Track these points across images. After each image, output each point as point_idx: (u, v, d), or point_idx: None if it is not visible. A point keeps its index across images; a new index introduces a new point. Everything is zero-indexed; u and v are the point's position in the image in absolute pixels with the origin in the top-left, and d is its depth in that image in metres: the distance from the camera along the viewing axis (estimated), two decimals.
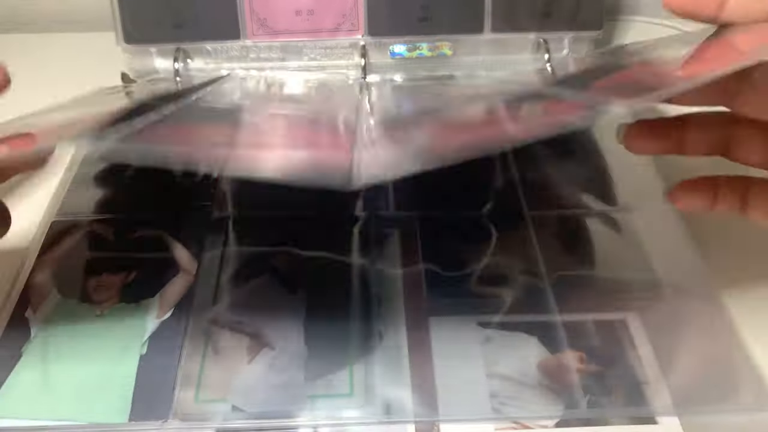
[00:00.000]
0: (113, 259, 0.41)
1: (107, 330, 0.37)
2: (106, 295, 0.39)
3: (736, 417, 0.34)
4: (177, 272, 0.40)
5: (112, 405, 0.34)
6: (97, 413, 0.34)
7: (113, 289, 0.39)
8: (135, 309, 0.38)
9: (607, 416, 0.34)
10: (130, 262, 0.41)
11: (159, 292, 0.39)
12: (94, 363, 0.36)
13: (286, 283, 0.40)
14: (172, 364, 0.36)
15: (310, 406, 0.34)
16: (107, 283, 0.39)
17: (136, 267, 0.40)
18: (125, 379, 0.35)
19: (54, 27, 0.66)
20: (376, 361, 0.36)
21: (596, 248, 0.43)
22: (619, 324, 0.38)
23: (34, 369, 0.35)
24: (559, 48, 0.56)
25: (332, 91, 0.43)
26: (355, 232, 0.43)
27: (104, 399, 0.34)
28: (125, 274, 0.40)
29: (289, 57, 0.55)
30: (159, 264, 0.41)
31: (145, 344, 0.37)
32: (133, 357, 0.36)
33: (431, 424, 0.34)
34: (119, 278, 0.40)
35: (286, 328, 0.38)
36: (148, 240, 0.42)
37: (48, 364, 0.35)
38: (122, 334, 0.37)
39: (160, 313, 0.38)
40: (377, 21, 0.53)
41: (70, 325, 0.37)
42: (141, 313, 0.38)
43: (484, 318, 0.38)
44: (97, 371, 0.35)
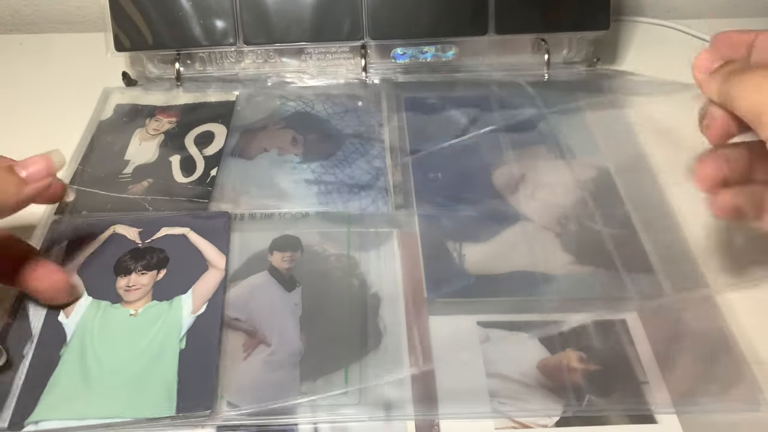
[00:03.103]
0: (141, 260, 0.41)
1: (143, 329, 0.37)
2: (137, 295, 0.39)
3: (735, 416, 0.34)
4: (206, 268, 0.40)
5: (158, 399, 0.34)
6: (143, 408, 0.34)
7: (144, 288, 0.39)
8: (168, 306, 0.38)
9: (607, 416, 0.34)
10: (158, 262, 0.41)
11: (191, 288, 0.39)
12: (133, 361, 0.36)
13: (283, 281, 0.40)
14: (212, 358, 0.36)
15: (305, 403, 0.34)
16: (137, 283, 0.39)
17: (164, 265, 0.40)
18: (168, 373, 0.35)
19: (54, 28, 0.67)
20: (373, 359, 0.36)
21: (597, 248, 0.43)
22: (619, 324, 0.38)
23: (74, 371, 0.35)
24: (558, 48, 0.56)
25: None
26: (354, 230, 0.43)
27: (149, 394, 0.34)
28: (155, 273, 0.40)
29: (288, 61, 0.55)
30: (187, 261, 0.41)
31: (183, 339, 0.37)
32: (172, 353, 0.36)
33: (431, 422, 0.34)
34: (149, 277, 0.40)
35: (283, 325, 0.38)
36: (173, 238, 0.42)
37: (87, 366, 0.35)
38: (158, 332, 0.37)
39: (194, 308, 0.38)
40: (380, 24, 0.53)
41: (105, 327, 0.37)
42: (176, 310, 0.38)
43: (484, 318, 0.38)
44: (137, 369, 0.35)
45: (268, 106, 0.54)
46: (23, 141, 0.47)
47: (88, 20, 0.66)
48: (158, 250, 0.41)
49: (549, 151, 0.49)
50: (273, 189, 0.46)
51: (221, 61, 0.55)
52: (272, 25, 0.53)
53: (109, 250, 0.41)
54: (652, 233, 0.43)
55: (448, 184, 0.47)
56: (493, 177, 0.47)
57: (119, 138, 0.50)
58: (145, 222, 0.43)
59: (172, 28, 0.53)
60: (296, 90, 0.55)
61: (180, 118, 0.52)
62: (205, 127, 0.51)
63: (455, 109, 0.53)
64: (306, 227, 0.43)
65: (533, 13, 0.54)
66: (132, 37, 0.53)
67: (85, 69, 0.57)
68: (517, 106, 0.53)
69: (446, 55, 0.55)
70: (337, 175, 0.47)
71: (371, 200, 0.45)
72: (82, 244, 0.41)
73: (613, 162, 0.48)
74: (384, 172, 0.47)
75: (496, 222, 0.44)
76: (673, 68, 0.59)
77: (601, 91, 0.55)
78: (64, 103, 0.54)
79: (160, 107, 0.53)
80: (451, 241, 0.43)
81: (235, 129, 0.51)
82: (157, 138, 0.50)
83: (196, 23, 0.53)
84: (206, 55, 0.55)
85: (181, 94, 0.54)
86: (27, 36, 0.64)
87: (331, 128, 0.51)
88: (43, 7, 0.65)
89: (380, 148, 0.49)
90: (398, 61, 0.55)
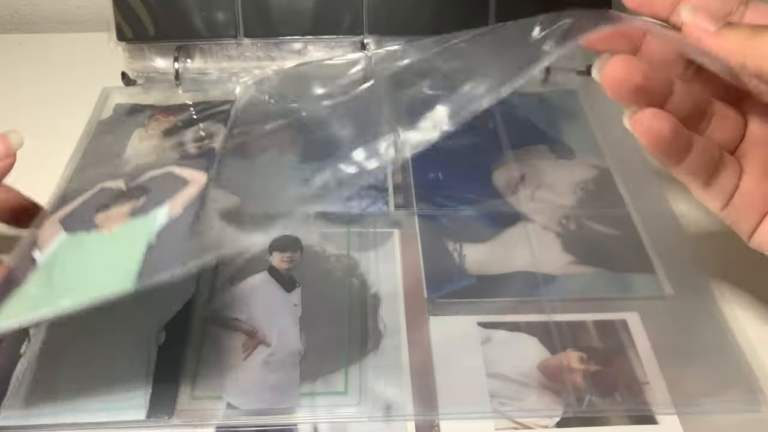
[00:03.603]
0: (123, 197, 0.38)
1: (114, 242, 0.35)
2: (114, 222, 0.36)
3: (736, 416, 0.34)
4: (186, 183, 0.38)
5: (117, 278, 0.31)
6: (103, 287, 0.31)
7: (122, 216, 0.36)
8: (144, 220, 0.36)
9: (607, 416, 0.34)
10: (140, 191, 0.38)
11: (169, 201, 0.36)
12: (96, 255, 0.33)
13: (282, 281, 0.40)
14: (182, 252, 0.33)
15: (305, 404, 0.34)
16: (116, 213, 0.37)
17: (144, 194, 0.38)
18: (131, 258, 0.32)
19: (54, 27, 0.67)
20: (373, 360, 0.36)
21: (597, 248, 0.43)
22: (619, 324, 0.38)
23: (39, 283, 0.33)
24: None
25: None
26: (354, 230, 0.43)
27: (108, 276, 0.32)
28: (133, 201, 0.37)
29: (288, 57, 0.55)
30: (168, 185, 0.38)
31: (152, 234, 0.34)
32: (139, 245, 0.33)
33: (431, 422, 0.34)
34: (127, 207, 0.37)
35: (283, 326, 0.38)
36: (157, 177, 0.40)
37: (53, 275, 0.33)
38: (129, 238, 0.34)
39: (170, 210, 0.35)
40: (380, 20, 0.53)
41: (78, 250, 0.35)
42: (151, 220, 0.35)
43: (484, 318, 0.38)
44: (98, 259, 0.33)
45: (267, 106, 0.53)
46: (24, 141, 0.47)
47: (88, 20, 0.66)
48: (142, 187, 0.39)
49: (549, 151, 0.49)
50: (273, 189, 0.46)
51: (221, 56, 0.55)
52: (273, 18, 0.53)
53: (95, 199, 0.39)
54: (652, 233, 0.43)
55: (448, 184, 0.47)
56: (493, 177, 0.47)
57: (118, 137, 0.50)
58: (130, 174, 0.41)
59: (173, 20, 0.53)
60: (296, 90, 0.55)
61: (179, 118, 0.52)
62: (205, 126, 0.51)
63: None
64: (306, 227, 0.43)
65: (534, 10, 0.54)
66: (134, 27, 0.53)
67: (85, 69, 0.57)
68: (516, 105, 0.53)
69: None
70: (337, 175, 0.47)
71: (371, 200, 0.45)
72: (68, 202, 0.39)
73: (613, 162, 0.48)
74: (384, 172, 0.47)
75: (496, 222, 0.44)
76: None
77: None
78: (64, 103, 0.54)
79: (159, 107, 0.53)
80: (451, 241, 0.43)
81: (235, 128, 0.51)
82: (157, 137, 0.50)
83: (197, 15, 0.53)
84: (207, 47, 0.55)
85: (180, 93, 0.54)
86: (27, 36, 0.64)
87: (331, 128, 0.51)
88: (42, 6, 0.65)
89: (381, 148, 0.49)
90: None
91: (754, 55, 0.28)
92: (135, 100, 0.54)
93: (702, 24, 0.30)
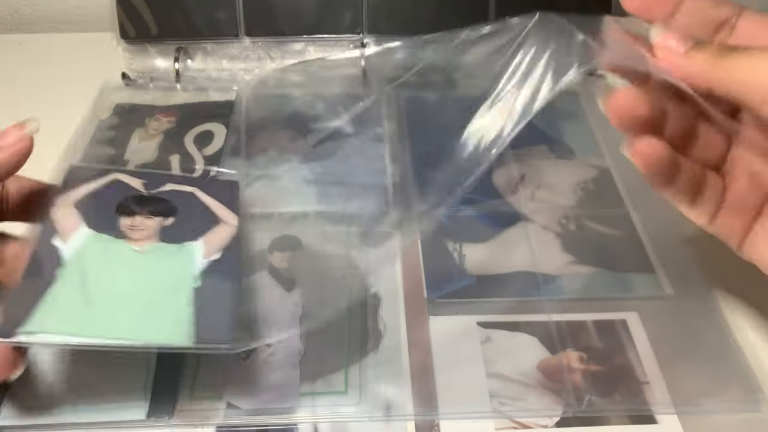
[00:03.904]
0: (147, 205, 0.37)
1: (150, 265, 0.34)
2: (142, 234, 0.35)
3: (735, 416, 0.34)
4: (218, 222, 0.37)
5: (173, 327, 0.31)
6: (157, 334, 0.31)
7: (150, 230, 0.35)
8: (178, 249, 0.35)
9: (607, 416, 0.34)
10: (166, 209, 0.37)
11: (202, 237, 0.36)
12: (141, 291, 0.32)
13: (282, 280, 0.40)
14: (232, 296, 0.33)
15: (305, 404, 0.34)
16: (142, 225, 0.36)
17: (172, 214, 0.37)
18: (181, 305, 0.32)
19: (53, 27, 0.67)
20: (373, 359, 0.36)
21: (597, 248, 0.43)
22: (619, 324, 0.38)
23: (74, 291, 0.31)
24: None
25: None
26: (354, 230, 0.43)
27: (163, 321, 0.31)
28: (161, 219, 0.36)
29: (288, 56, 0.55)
30: (197, 214, 0.37)
31: (198, 278, 0.33)
32: (186, 288, 0.33)
33: (431, 422, 0.34)
34: (155, 222, 0.36)
35: (282, 326, 0.38)
36: (180, 194, 0.38)
37: (89, 288, 0.32)
38: (168, 269, 0.34)
39: (206, 254, 0.35)
40: (380, 20, 0.53)
41: (107, 258, 0.34)
42: (187, 253, 0.34)
43: (484, 318, 0.38)
44: (147, 298, 0.32)
45: (267, 106, 0.53)
46: None
47: (88, 20, 0.66)
48: (165, 199, 0.38)
49: (549, 151, 0.49)
50: (273, 189, 0.46)
51: (222, 55, 0.55)
52: (274, 18, 0.53)
53: (111, 192, 0.37)
54: (652, 233, 0.43)
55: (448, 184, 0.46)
56: (493, 177, 0.47)
57: (119, 137, 0.50)
58: (147, 175, 0.39)
59: (176, 19, 0.53)
60: (297, 90, 0.55)
61: (179, 118, 0.52)
62: (205, 126, 0.51)
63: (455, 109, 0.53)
64: (306, 227, 0.43)
65: (533, 10, 0.54)
66: (137, 26, 0.53)
67: (85, 69, 0.57)
68: None
69: None
70: (337, 175, 0.47)
71: (371, 200, 0.45)
72: (80, 184, 0.38)
73: (613, 162, 0.48)
74: (384, 172, 0.47)
75: (496, 222, 0.44)
76: None
77: None
78: (64, 103, 0.54)
79: (159, 107, 0.53)
80: (451, 241, 0.43)
81: (235, 129, 0.51)
82: (157, 138, 0.50)
83: (199, 14, 0.53)
84: (208, 47, 0.55)
85: (180, 93, 0.54)
86: (27, 36, 0.64)
87: (331, 128, 0.51)
88: (42, 6, 0.65)
89: (380, 148, 0.49)
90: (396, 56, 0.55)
91: (722, 78, 0.28)
92: (135, 99, 0.54)
93: (672, 44, 0.30)
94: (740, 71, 0.28)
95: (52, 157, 0.47)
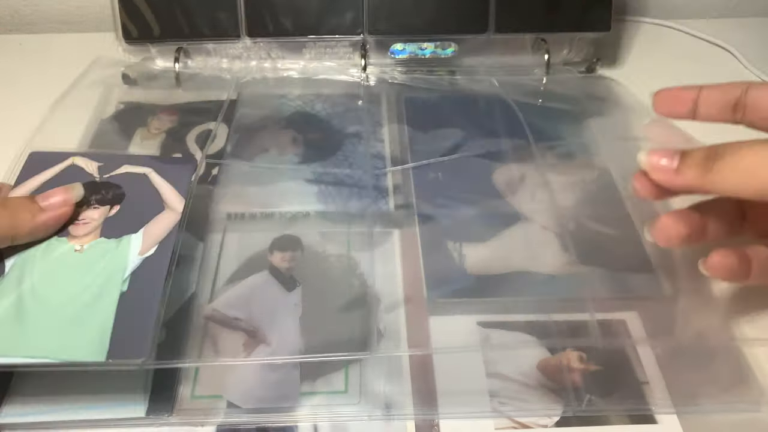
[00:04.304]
0: (95, 193, 0.39)
1: (86, 266, 0.35)
2: (85, 229, 0.37)
3: (735, 416, 0.34)
4: (162, 209, 0.39)
5: (90, 343, 0.32)
6: (74, 351, 0.32)
7: (93, 223, 0.37)
8: (116, 245, 0.36)
9: (607, 416, 0.34)
10: (113, 197, 0.39)
11: (142, 228, 0.37)
12: (71, 300, 0.34)
13: (283, 280, 0.40)
14: (153, 304, 0.34)
15: (305, 403, 0.34)
16: (87, 217, 0.37)
17: (118, 201, 0.39)
18: (104, 316, 0.33)
19: (54, 28, 0.67)
20: (373, 359, 0.36)
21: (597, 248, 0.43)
22: (619, 324, 0.38)
23: (9, 304, 0.33)
24: (558, 48, 0.56)
25: None
26: (354, 230, 0.43)
27: (82, 337, 0.33)
28: (107, 208, 0.38)
29: (289, 56, 0.56)
30: (144, 200, 0.39)
31: (126, 281, 0.35)
32: (112, 294, 0.34)
33: (431, 422, 0.34)
34: (100, 212, 0.38)
35: (283, 325, 0.38)
36: (133, 176, 0.40)
37: (23, 299, 0.34)
38: (102, 270, 0.35)
39: (143, 249, 0.36)
40: (380, 20, 0.53)
41: (48, 260, 0.35)
42: (123, 249, 0.36)
43: (484, 318, 0.38)
44: (74, 309, 0.34)
45: (268, 106, 0.54)
46: (23, 141, 0.47)
47: (88, 20, 0.66)
48: (115, 185, 0.39)
49: (549, 151, 0.49)
50: (273, 189, 0.46)
51: (223, 55, 0.55)
52: (274, 18, 0.53)
53: (65, 181, 0.39)
54: None
55: (448, 184, 0.47)
56: (493, 177, 0.47)
57: (121, 137, 0.50)
58: (106, 157, 0.41)
59: (177, 19, 0.53)
60: (296, 90, 0.55)
61: (181, 117, 0.52)
62: (207, 126, 0.51)
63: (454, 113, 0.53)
64: (306, 227, 0.43)
65: (534, 12, 0.54)
66: (139, 27, 0.53)
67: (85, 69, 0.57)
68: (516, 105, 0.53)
69: (445, 53, 0.55)
70: (337, 175, 0.47)
71: (371, 200, 0.45)
72: (37, 173, 0.39)
73: (613, 162, 0.48)
74: (384, 172, 0.47)
75: (496, 222, 0.44)
76: (673, 68, 0.60)
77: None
78: (64, 103, 0.54)
79: (161, 106, 0.53)
80: (451, 241, 0.43)
81: (236, 128, 0.51)
82: (159, 137, 0.50)
83: (200, 14, 0.53)
84: (209, 47, 0.55)
85: (182, 93, 0.54)
86: (27, 36, 0.64)
87: (331, 128, 0.51)
88: (42, 7, 0.65)
89: (380, 148, 0.49)
90: (397, 57, 0.55)
91: (714, 183, 0.32)
92: (137, 99, 0.54)
93: (663, 162, 0.33)
94: (727, 176, 0.31)
95: None
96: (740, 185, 0.31)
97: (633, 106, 0.53)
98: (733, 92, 0.37)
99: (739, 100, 0.37)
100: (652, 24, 0.65)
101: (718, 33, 0.63)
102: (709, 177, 0.31)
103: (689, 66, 0.60)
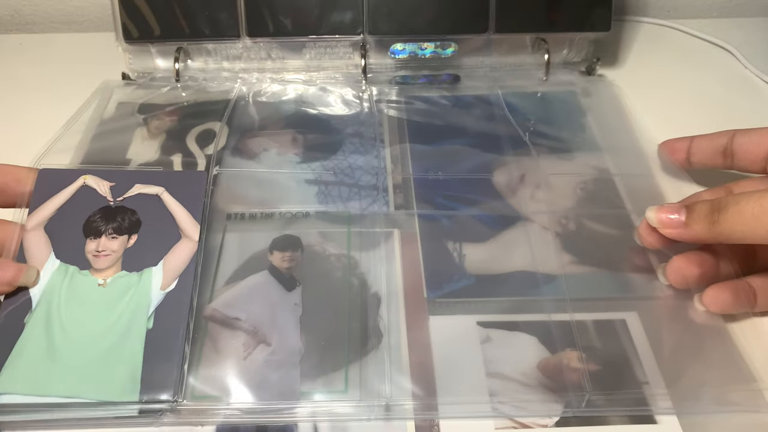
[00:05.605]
0: (111, 221, 0.39)
1: (111, 302, 0.36)
2: (106, 262, 0.38)
3: (735, 416, 0.34)
4: (179, 237, 0.39)
5: (122, 382, 0.34)
6: (108, 390, 0.33)
7: (114, 255, 0.38)
8: (138, 279, 0.37)
9: (607, 416, 0.34)
10: (130, 225, 0.39)
11: (161, 260, 0.38)
12: (100, 338, 0.35)
13: (283, 280, 0.40)
14: (179, 342, 0.35)
15: (305, 403, 0.34)
16: (107, 248, 0.38)
17: (135, 230, 0.39)
18: (133, 355, 0.34)
19: (54, 27, 0.67)
20: (373, 359, 0.36)
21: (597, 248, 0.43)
22: (619, 324, 0.38)
23: (39, 342, 0.34)
24: (559, 48, 0.56)
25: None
26: (354, 230, 0.43)
27: (114, 376, 0.34)
28: (125, 238, 0.39)
29: (289, 56, 0.56)
30: (160, 227, 0.39)
31: (151, 318, 0.36)
32: (140, 332, 0.35)
33: (431, 422, 0.34)
34: (119, 243, 0.38)
35: (283, 325, 0.38)
36: (146, 198, 0.40)
37: (53, 337, 0.35)
38: (126, 307, 0.36)
39: (164, 284, 0.37)
40: (380, 20, 0.53)
41: (73, 295, 0.36)
42: (145, 284, 0.37)
43: (484, 317, 0.38)
44: (104, 347, 0.35)
45: (268, 106, 0.54)
46: (24, 141, 0.47)
47: (88, 20, 0.66)
48: (130, 211, 0.40)
49: (549, 151, 0.49)
50: (273, 189, 0.46)
51: (223, 55, 0.55)
52: (274, 18, 0.53)
53: (79, 205, 0.39)
54: None
55: (448, 184, 0.47)
56: (493, 177, 0.47)
57: (121, 137, 0.50)
58: (117, 175, 0.41)
59: (177, 19, 0.53)
60: (297, 90, 0.55)
61: (181, 117, 0.52)
62: (207, 126, 0.51)
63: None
64: (306, 227, 0.43)
65: (534, 12, 0.54)
66: (139, 27, 0.53)
67: (85, 69, 0.57)
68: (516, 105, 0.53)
69: (445, 53, 0.55)
70: (337, 175, 0.47)
71: (371, 200, 0.45)
72: (50, 194, 0.40)
73: (613, 162, 0.48)
74: (384, 172, 0.47)
75: (496, 222, 0.44)
76: (673, 68, 0.60)
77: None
78: (64, 103, 0.54)
79: (161, 106, 0.53)
80: (451, 241, 0.43)
81: (236, 128, 0.51)
82: (159, 137, 0.50)
83: (201, 15, 0.53)
84: (209, 47, 0.55)
85: (182, 93, 0.54)
86: (27, 36, 0.64)
87: (331, 128, 0.51)
88: (43, 7, 0.65)
89: (380, 148, 0.49)
90: (397, 56, 0.55)
91: (721, 233, 0.34)
92: (137, 99, 0.54)
93: (673, 217, 0.36)
94: (733, 225, 0.33)
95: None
96: (747, 233, 0.33)
97: (633, 106, 0.53)
98: (719, 140, 0.41)
99: (727, 147, 0.41)
100: (652, 24, 0.65)
101: (718, 33, 0.63)
102: (717, 229, 0.34)
103: (689, 66, 0.60)
